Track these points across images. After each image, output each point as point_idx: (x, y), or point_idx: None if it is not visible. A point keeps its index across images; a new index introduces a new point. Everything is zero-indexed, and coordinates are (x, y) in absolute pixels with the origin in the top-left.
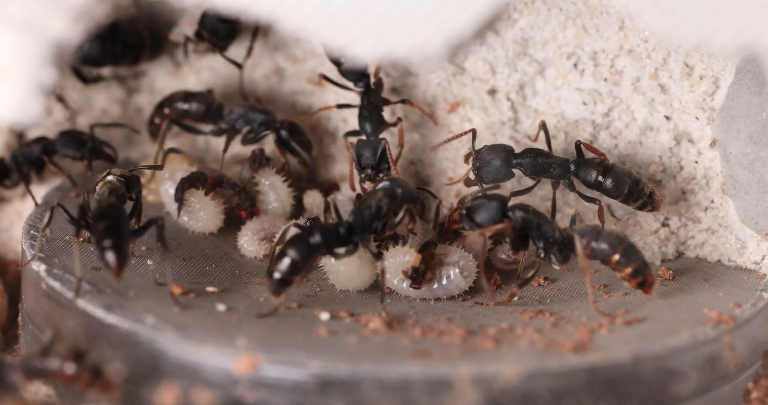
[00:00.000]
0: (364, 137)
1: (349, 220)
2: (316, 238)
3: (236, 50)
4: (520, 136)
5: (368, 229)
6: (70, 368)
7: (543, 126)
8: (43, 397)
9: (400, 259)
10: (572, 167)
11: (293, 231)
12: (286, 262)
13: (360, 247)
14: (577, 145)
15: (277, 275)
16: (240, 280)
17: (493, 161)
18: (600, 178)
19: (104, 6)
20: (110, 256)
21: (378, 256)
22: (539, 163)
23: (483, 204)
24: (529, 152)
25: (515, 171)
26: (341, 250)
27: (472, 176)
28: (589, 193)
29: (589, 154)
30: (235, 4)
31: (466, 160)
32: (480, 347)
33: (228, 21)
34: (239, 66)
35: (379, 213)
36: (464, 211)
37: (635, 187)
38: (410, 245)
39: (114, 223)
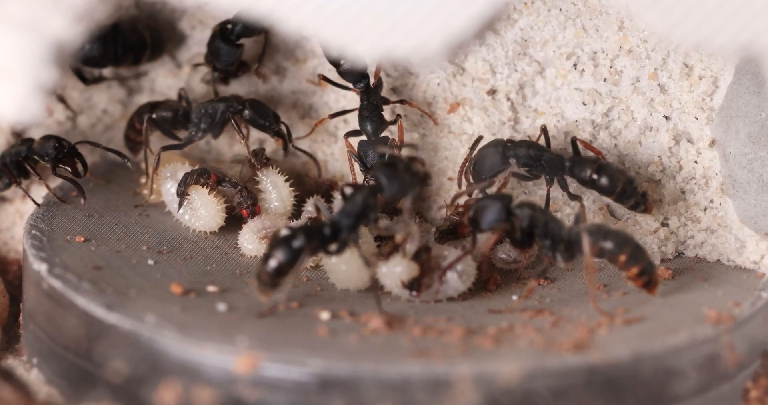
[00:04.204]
0: (365, 137)
1: (334, 219)
2: (300, 241)
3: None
4: (520, 136)
5: (355, 227)
6: None
7: (544, 130)
8: (44, 397)
9: (396, 270)
10: (567, 164)
11: (283, 233)
12: (271, 265)
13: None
14: (573, 141)
15: (263, 278)
16: (241, 279)
17: (487, 155)
18: (594, 176)
19: (105, 6)
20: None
21: (368, 262)
22: (531, 154)
23: (487, 205)
24: (522, 143)
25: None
26: (333, 248)
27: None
28: (579, 191)
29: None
30: (236, 5)
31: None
32: (480, 346)
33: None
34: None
35: (365, 210)
36: (471, 214)
37: (629, 185)
38: (408, 254)
39: None
